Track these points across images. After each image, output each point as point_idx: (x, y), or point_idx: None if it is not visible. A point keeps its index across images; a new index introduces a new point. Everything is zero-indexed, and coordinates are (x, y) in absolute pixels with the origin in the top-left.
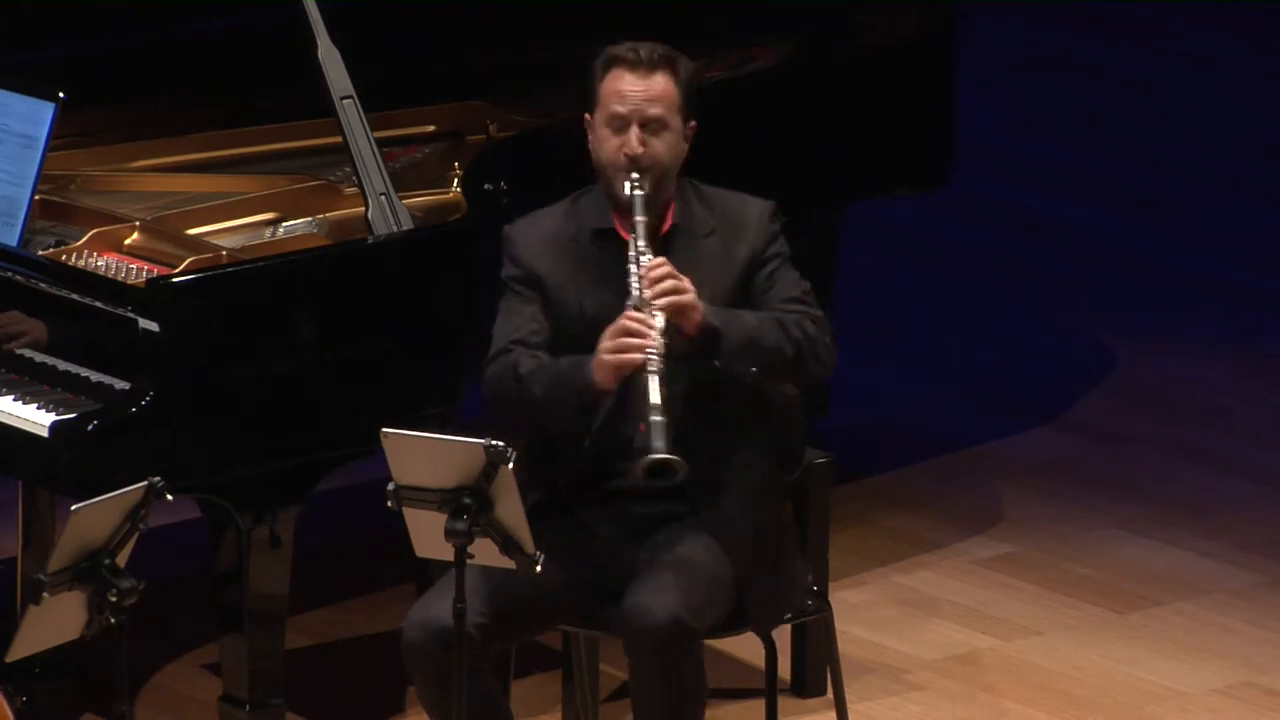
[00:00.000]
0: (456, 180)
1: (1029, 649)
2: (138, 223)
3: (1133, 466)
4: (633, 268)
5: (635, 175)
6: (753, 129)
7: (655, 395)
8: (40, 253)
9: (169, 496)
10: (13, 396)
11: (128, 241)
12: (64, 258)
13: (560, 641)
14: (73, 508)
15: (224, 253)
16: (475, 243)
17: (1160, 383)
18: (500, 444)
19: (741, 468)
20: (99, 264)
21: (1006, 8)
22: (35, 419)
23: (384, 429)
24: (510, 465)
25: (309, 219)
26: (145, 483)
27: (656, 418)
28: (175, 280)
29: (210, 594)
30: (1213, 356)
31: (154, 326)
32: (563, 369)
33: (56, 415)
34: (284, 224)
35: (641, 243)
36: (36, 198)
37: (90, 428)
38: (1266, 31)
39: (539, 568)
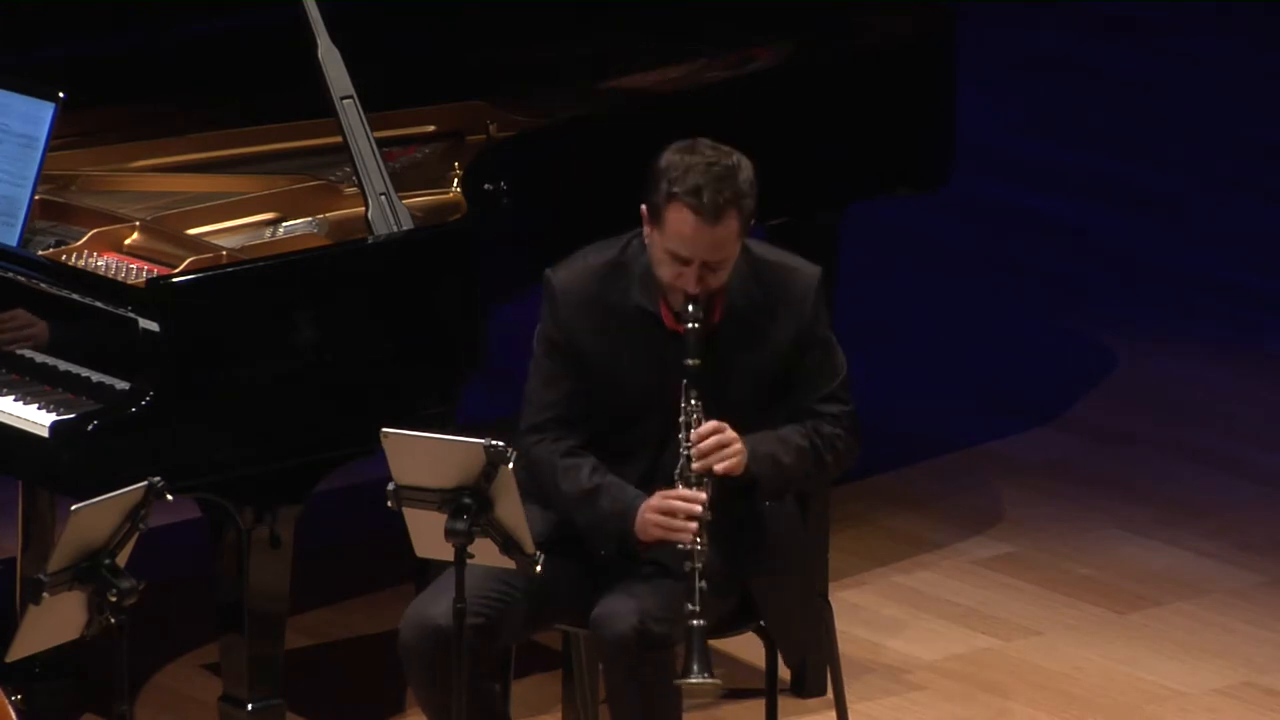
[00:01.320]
0: (456, 180)
1: (1029, 649)
2: (138, 223)
3: (1133, 466)
4: (683, 430)
5: (691, 308)
6: (753, 129)
7: (696, 598)
8: (40, 253)
9: (169, 496)
10: (13, 396)
11: (128, 241)
12: (64, 258)
13: (560, 641)
14: (73, 508)
15: (224, 253)
16: (475, 243)
17: (1160, 383)
18: (500, 444)
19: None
20: (99, 264)
21: (1006, 8)
22: (35, 419)
23: (384, 429)
24: (510, 465)
25: (309, 219)
26: (145, 483)
27: (697, 623)
28: (175, 280)
29: (210, 594)
30: (1213, 356)
31: (154, 326)
32: (605, 510)
33: (57, 415)
34: (284, 224)
35: (694, 400)
36: (36, 198)
37: (90, 428)
38: (1266, 31)
39: (539, 568)
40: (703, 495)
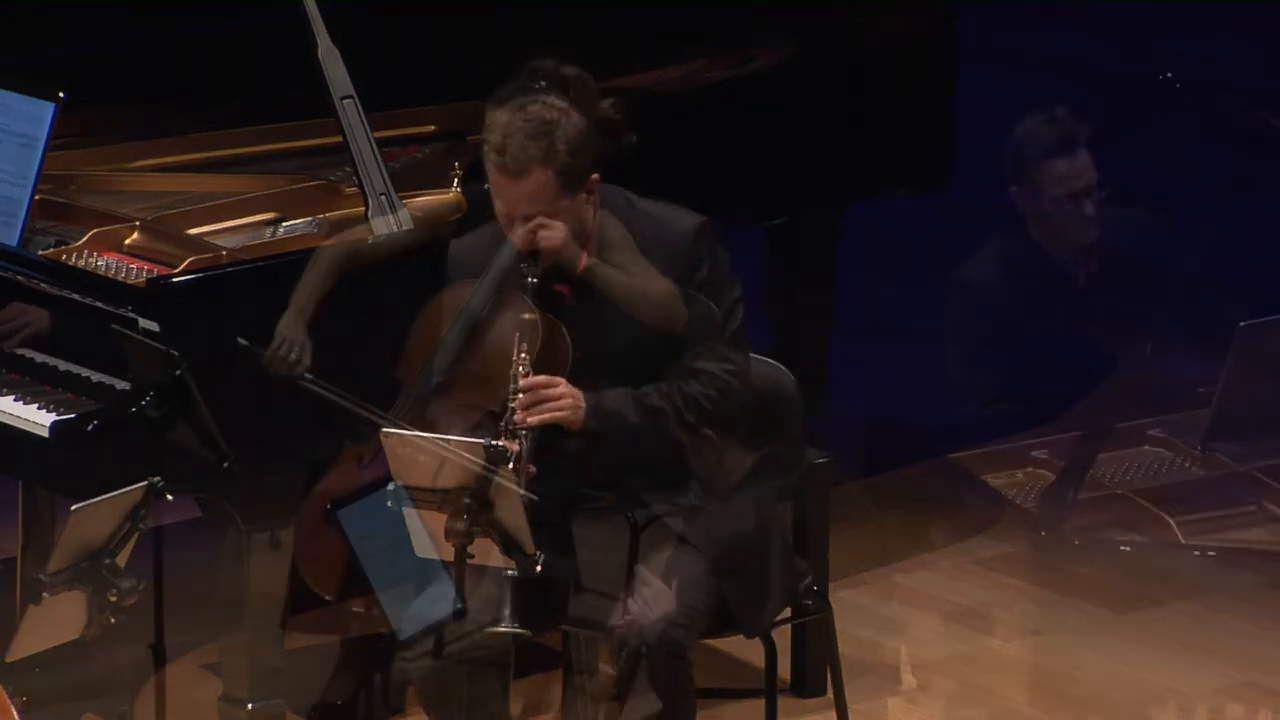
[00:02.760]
0: (456, 180)
1: (1029, 649)
2: (138, 223)
3: (1133, 466)
4: (513, 381)
5: (523, 264)
6: (753, 129)
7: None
8: (40, 253)
9: (169, 496)
10: (13, 396)
11: (128, 241)
12: (64, 258)
13: (560, 641)
14: (73, 508)
15: (224, 253)
16: None
17: (1160, 383)
18: (500, 444)
19: (713, 465)
20: (99, 264)
21: (1006, 8)
22: (35, 419)
23: (384, 429)
24: (510, 465)
25: (309, 219)
26: (145, 483)
27: (510, 573)
28: (175, 280)
29: (210, 594)
30: (1212, 356)
31: (154, 326)
32: None
33: (56, 415)
34: (284, 224)
35: (525, 350)
36: (36, 198)
37: (90, 428)
38: (1267, 31)
39: (539, 568)
40: (514, 446)
